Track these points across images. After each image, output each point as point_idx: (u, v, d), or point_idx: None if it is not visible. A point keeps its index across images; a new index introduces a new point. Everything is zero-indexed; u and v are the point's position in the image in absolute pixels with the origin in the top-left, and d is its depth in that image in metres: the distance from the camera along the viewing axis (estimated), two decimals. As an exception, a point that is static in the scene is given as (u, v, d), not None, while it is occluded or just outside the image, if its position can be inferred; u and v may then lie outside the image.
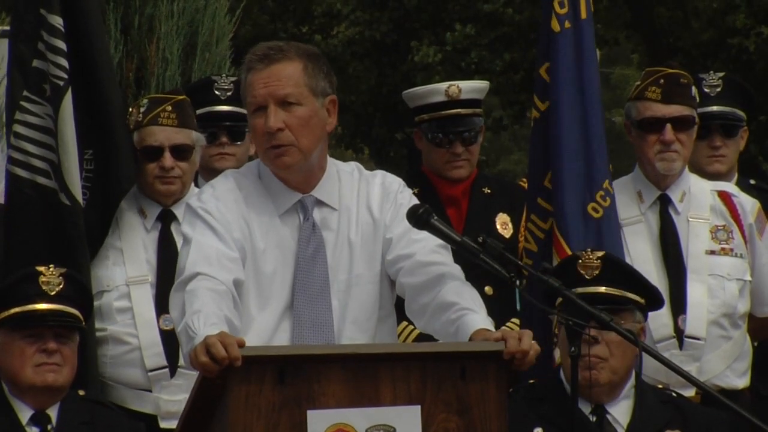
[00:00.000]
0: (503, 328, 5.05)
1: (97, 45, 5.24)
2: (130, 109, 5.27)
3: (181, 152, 5.15)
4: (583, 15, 5.19)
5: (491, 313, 3.83)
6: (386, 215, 4.01)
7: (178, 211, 5.12)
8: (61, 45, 5.08)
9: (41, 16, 5.11)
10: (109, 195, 5.18)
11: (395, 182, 4.08)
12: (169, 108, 5.14)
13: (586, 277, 4.53)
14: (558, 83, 5.18)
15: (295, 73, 3.91)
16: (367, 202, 4.03)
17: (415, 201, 4.05)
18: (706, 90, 5.61)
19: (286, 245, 3.96)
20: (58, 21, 5.10)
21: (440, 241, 3.92)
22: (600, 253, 4.61)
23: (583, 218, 5.12)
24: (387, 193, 4.04)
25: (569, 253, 4.99)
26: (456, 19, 18.00)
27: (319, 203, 4.00)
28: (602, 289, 4.52)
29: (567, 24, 5.19)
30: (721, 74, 5.80)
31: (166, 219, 5.19)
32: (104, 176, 5.19)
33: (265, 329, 3.91)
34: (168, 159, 5.11)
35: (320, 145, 3.98)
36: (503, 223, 5.55)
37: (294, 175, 3.97)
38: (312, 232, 3.97)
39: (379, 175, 4.10)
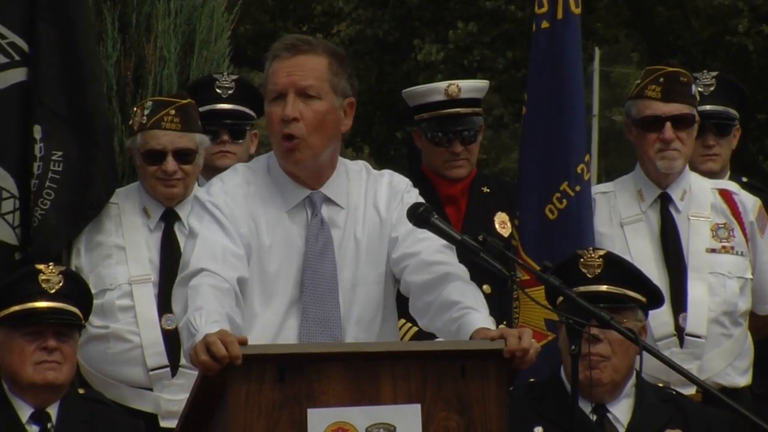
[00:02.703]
0: (501, 326, 5.05)
1: (85, 49, 5.27)
2: (135, 109, 5.28)
3: (184, 156, 5.15)
4: (559, 15, 5.19)
5: (490, 312, 3.83)
6: (393, 214, 4.01)
7: (182, 211, 5.13)
8: None
9: None
10: (78, 212, 5.21)
11: (402, 182, 4.09)
12: (173, 112, 5.15)
13: (588, 275, 4.53)
14: (533, 84, 5.22)
15: (320, 67, 3.91)
16: (374, 201, 4.03)
17: (422, 201, 4.05)
18: (699, 89, 5.62)
19: (293, 242, 3.95)
20: None
21: (445, 241, 3.93)
22: (601, 252, 4.61)
23: (540, 221, 5.14)
24: (394, 193, 4.04)
25: (524, 256, 5.05)
26: (458, 17, 17.99)
27: (327, 200, 4.00)
28: (603, 287, 4.51)
29: (545, 24, 5.19)
30: (714, 73, 5.82)
31: (170, 219, 5.19)
32: (77, 184, 5.22)
33: (270, 326, 3.91)
34: (170, 163, 5.12)
35: (333, 144, 3.97)
36: (502, 222, 5.55)
37: (303, 171, 3.96)
38: (320, 229, 3.97)
39: (387, 174, 4.10)
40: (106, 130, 5.30)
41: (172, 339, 4.96)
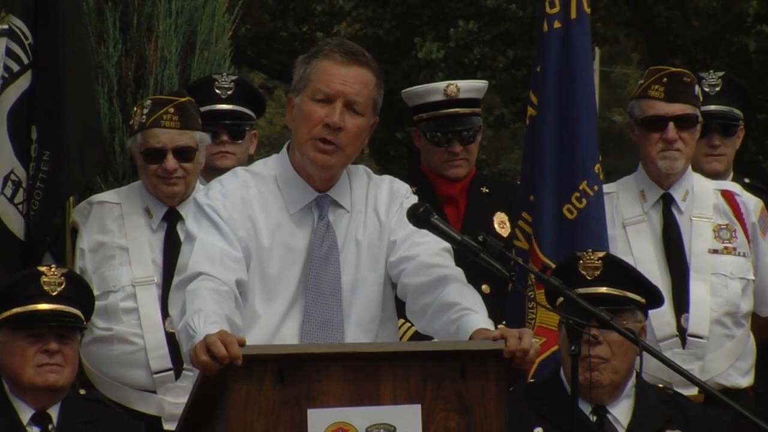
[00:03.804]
0: (501, 326, 5.05)
1: (68, 50, 5.28)
2: (135, 109, 5.28)
3: (183, 154, 5.15)
4: (573, 15, 5.18)
5: (489, 312, 3.83)
6: (392, 219, 4.03)
7: (184, 211, 5.11)
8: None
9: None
10: (50, 197, 5.24)
11: (403, 188, 4.12)
12: (172, 110, 5.14)
13: (588, 277, 4.52)
14: (544, 84, 5.20)
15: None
16: (374, 205, 4.05)
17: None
18: (705, 89, 5.63)
19: (296, 243, 3.97)
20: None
21: (443, 245, 3.95)
22: (601, 254, 4.60)
23: (557, 221, 5.13)
24: (394, 198, 4.07)
25: (541, 256, 5.03)
26: (459, 15, 17.98)
27: (334, 204, 4.02)
28: (603, 289, 4.51)
29: (557, 24, 5.19)
30: (720, 74, 5.82)
31: (172, 219, 5.19)
32: (53, 179, 5.25)
33: (270, 326, 3.92)
34: (171, 161, 5.11)
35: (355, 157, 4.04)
36: (501, 222, 5.55)
37: (322, 174, 3.99)
38: (326, 232, 3.99)
39: (387, 180, 4.13)
40: (90, 124, 5.32)
41: (175, 342, 4.93)
